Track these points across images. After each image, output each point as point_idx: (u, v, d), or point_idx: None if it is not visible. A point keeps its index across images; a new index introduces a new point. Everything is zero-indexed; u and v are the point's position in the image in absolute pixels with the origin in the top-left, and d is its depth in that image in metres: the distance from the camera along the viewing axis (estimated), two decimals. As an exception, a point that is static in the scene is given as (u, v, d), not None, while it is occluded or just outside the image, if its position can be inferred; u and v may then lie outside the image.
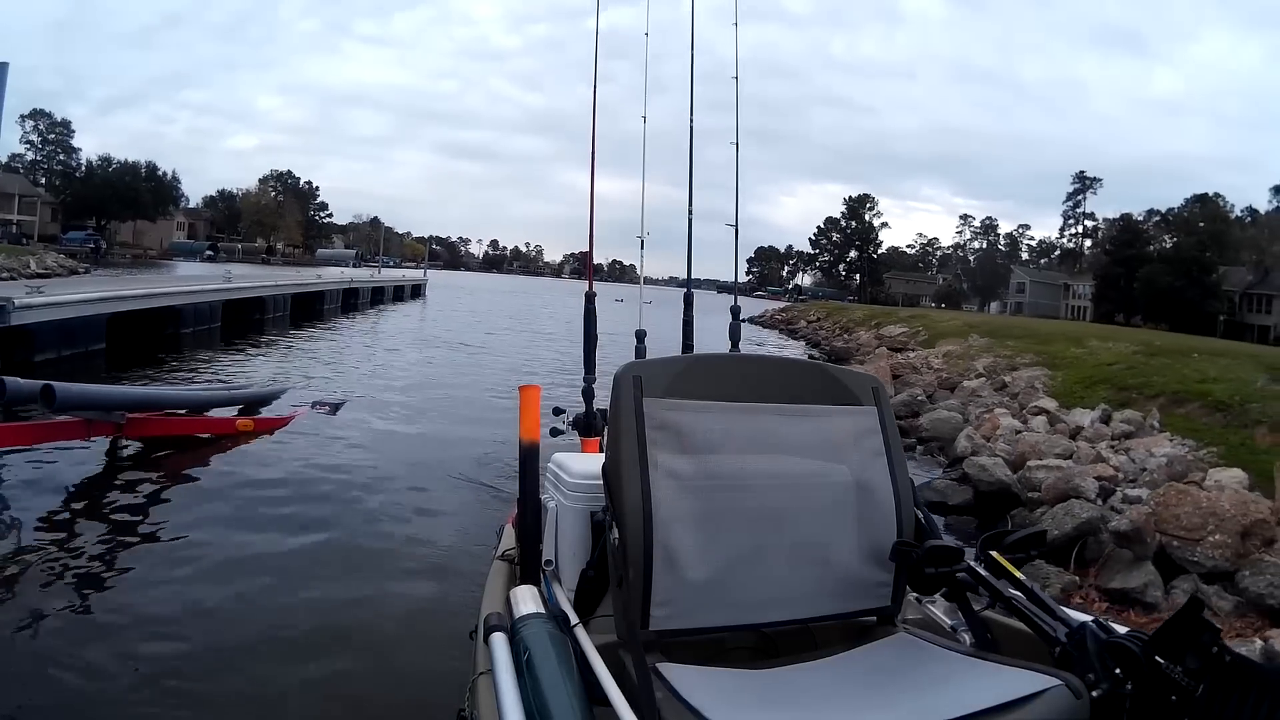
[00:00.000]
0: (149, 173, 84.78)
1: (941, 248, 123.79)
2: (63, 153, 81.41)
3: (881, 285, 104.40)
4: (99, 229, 75.23)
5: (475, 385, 14.92)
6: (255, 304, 23.02)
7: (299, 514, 6.73)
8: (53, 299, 12.92)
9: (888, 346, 24.03)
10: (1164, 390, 10.60)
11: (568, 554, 2.54)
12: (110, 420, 7.42)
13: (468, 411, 12.25)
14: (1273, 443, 7.97)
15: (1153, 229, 70.39)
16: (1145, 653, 1.77)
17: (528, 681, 1.84)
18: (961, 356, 18.22)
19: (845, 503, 2.27)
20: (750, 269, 70.95)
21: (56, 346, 12.73)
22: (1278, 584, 5.03)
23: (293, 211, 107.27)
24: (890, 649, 2.16)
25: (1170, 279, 57.60)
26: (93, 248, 60.36)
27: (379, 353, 19.39)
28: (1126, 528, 5.82)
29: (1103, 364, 13.26)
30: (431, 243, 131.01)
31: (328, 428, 9.91)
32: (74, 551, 5.53)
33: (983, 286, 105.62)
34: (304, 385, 12.61)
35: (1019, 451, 8.77)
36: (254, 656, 4.35)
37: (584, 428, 4.06)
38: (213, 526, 6.22)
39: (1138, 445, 8.60)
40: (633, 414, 2.12)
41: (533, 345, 23.74)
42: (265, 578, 5.42)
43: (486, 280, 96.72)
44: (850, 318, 39.56)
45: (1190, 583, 5.42)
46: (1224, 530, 5.57)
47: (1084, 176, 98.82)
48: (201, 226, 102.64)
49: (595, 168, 4.52)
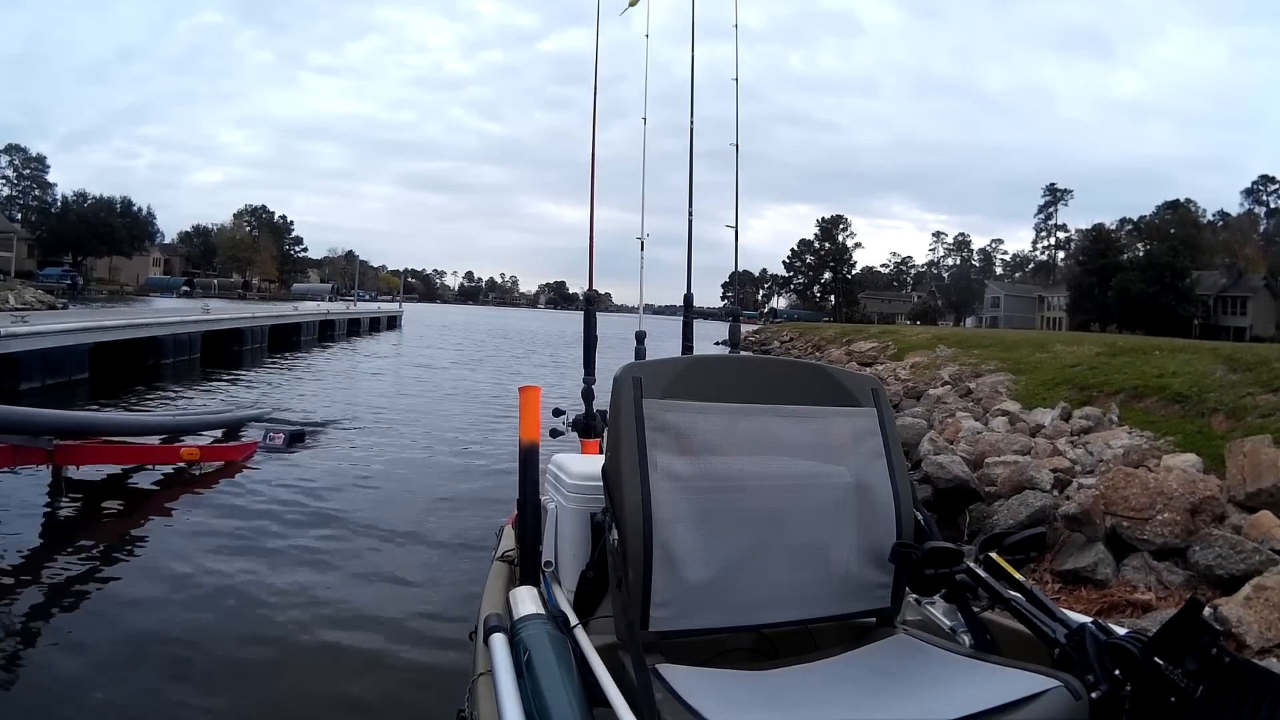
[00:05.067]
0: (124, 208, 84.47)
1: (915, 265, 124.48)
2: (38, 188, 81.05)
3: (857, 305, 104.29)
4: (75, 265, 74.80)
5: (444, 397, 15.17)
6: (234, 335, 23.22)
7: (297, 516, 6.86)
8: (37, 328, 13.06)
9: (857, 361, 24.10)
10: (1124, 387, 10.73)
11: (567, 555, 2.53)
12: (37, 445, 6.86)
13: (451, 422, 12.47)
14: (1229, 428, 8.11)
15: (1125, 237, 71.21)
16: (1144, 654, 1.77)
17: (527, 682, 1.84)
18: (928, 367, 18.35)
19: (845, 504, 2.28)
20: (725, 294, 70.79)
21: (41, 375, 12.83)
22: (1226, 555, 5.16)
23: (268, 246, 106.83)
24: (890, 650, 2.16)
25: (1143, 286, 58.22)
26: (70, 284, 59.80)
27: (358, 377, 19.67)
28: (1075, 510, 6.01)
29: (1065, 366, 13.38)
30: (406, 275, 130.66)
31: (315, 443, 9.97)
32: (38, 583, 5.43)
33: (957, 302, 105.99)
34: (275, 410, 12.43)
35: (979, 450, 8.90)
36: (254, 658, 4.43)
37: (584, 429, 4.09)
38: (208, 533, 6.33)
39: (1096, 439, 8.77)
40: (632, 415, 2.11)
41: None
42: (264, 579, 5.53)
43: (462, 314, 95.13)
44: (822, 335, 39.56)
45: (1140, 559, 5.55)
46: (1172, 509, 5.68)
47: (1054, 188, 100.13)
48: (177, 262, 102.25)
49: (594, 165, 4.52)
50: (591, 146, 4.50)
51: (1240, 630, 4.25)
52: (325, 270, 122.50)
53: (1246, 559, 5.10)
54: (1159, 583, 5.32)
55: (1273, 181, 79.09)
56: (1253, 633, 4.22)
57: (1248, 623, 4.28)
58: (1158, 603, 5.05)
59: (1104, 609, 5.02)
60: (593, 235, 4.51)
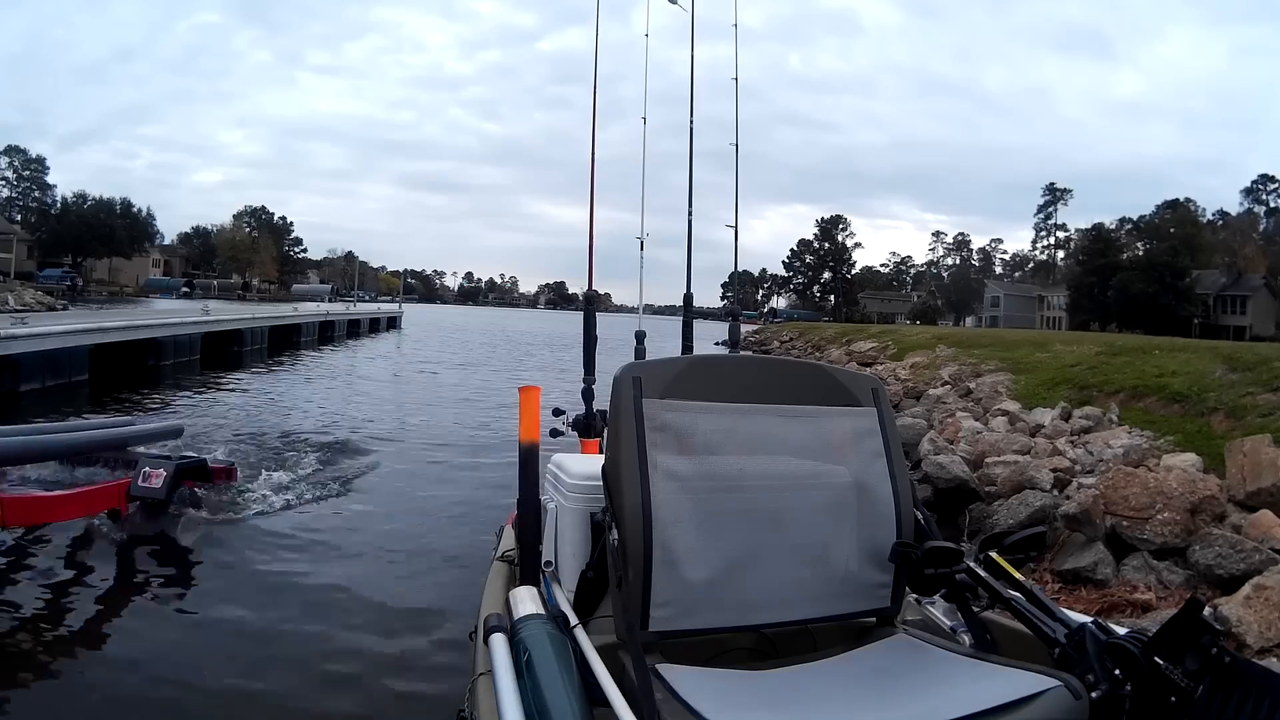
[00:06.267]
0: (124, 209, 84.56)
1: (915, 265, 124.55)
2: (38, 189, 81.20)
3: (857, 305, 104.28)
4: (75, 266, 74.97)
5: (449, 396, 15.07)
6: (234, 336, 23.23)
7: (296, 515, 6.86)
8: (37, 330, 13.08)
9: (857, 361, 24.03)
10: (1124, 386, 10.73)
11: (567, 555, 2.53)
12: None
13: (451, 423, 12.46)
14: (1229, 428, 8.09)
15: (1124, 237, 71.31)
16: (1145, 654, 1.77)
17: (527, 682, 1.84)
18: (928, 366, 18.32)
19: (845, 504, 2.27)
20: (725, 294, 70.74)
21: (41, 377, 12.84)
22: (1225, 555, 5.16)
23: (267, 247, 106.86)
24: (890, 650, 2.16)
25: (1143, 285, 58.24)
26: (69, 285, 59.97)
27: (355, 380, 19.63)
28: (1075, 510, 6.00)
29: (1065, 366, 13.38)
30: (406, 276, 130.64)
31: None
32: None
33: (957, 302, 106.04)
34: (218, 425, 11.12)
35: (979, 450, 8.88)
36: (254, 657, 4.43)
37: (584, 429, 4.07)
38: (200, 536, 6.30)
39: (1096, 439, 8.76)
40: (632, 415, 2.11)
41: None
42: (262, 578, 5.53)
43: (461, 314, 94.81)
44: (822, 335, 39.56)
45: (1140, 559, 5.55)
46: (1172, 508, 5.68)
47: (1054, 188, 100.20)
48: (177, 263, 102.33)
49: (594, 165, 4.48)
50: (592, 147, 4.48)
51: (1240, 630, 4.24)
52: (325, 271, 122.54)
53: (1246, 558, 5.10)
54: (1159, 582, 5.33)
55: (1272, 181, 79.18)
56: (1253, 632, 4.22)
57: (1248, 622, 4.27)
58: (1158, 602, 5.04)
59: (1104, 609, 5.01)
60: (592, 235, 4.50)
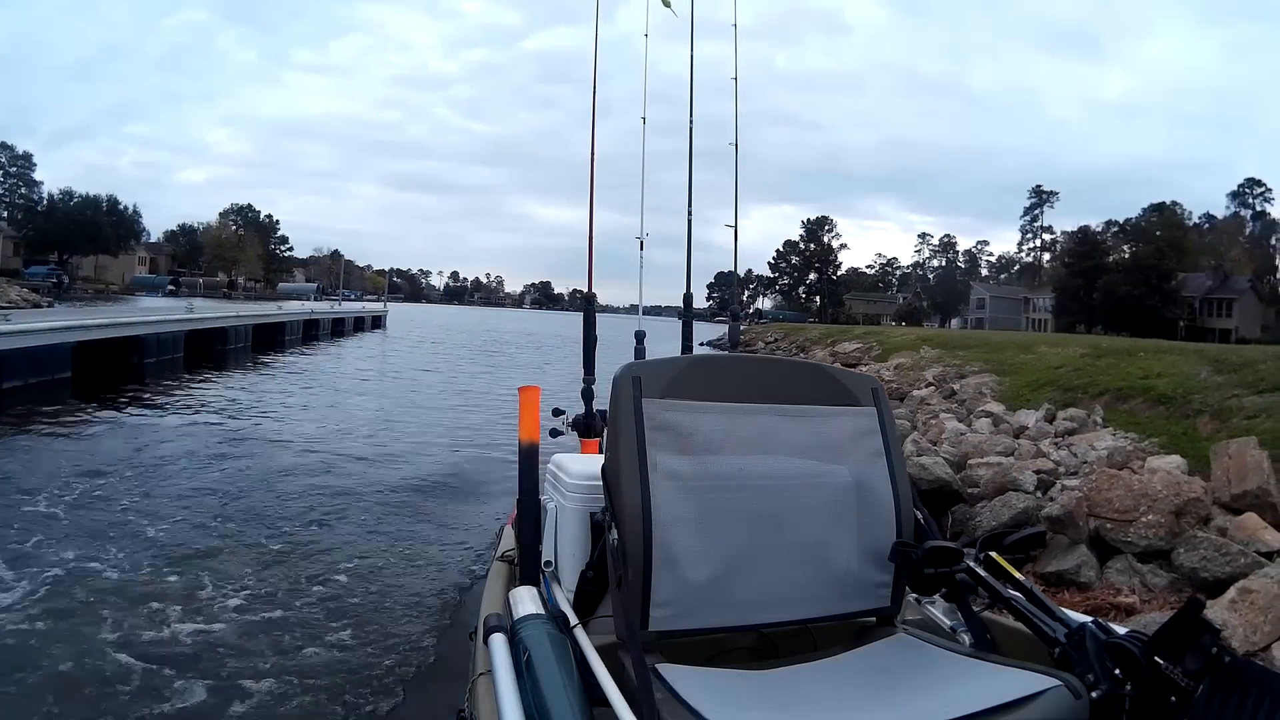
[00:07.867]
0: (110, 207, 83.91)
1: (901, 267, 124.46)
2: (24, 186, 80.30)
3: (842, 306, 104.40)
4: (61, 264, 74.37)
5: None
6: (218, 334, 23.20)
7: (294, 515, 6.87)
8: (19, 326, 13.00)
9: (842, 362, 24.13)
10: (1108, 388, 10.77)
11: (567, 555, 2.53)
12: None
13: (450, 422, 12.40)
14: (1214, 430, 8.12)
15: (1111, 239, 71.48)
16: (1145, 653, 1.78)
17: (527, 682, 1.84)
18: (913, 368, 18.36)
19: (845, 503, 2.27)
20: (710, 294, 71.03)
21: (24, 374, 12.77)
22: (1211, 558, 5.18)
23: (254, 245, 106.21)
24: (890, 650, 2.16)
25: (1129, 288, 58.33)
26: (55, 282, 59.67)
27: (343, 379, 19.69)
28: (1058, 512, 5.98)
29: (1050, 368, 13.43)
30: (392, 275, 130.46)
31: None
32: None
33: (943, 304, 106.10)
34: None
35: (962, 452, 8.88)
36: (254, 658, 4.42)
37: (584, 428, 4.08)
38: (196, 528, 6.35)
39: (1080, 440, 8.79)
40: (632, 415, 2.11)
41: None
42: (262, 579, 5.53)
43: (446, 314, 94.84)
44: (807, 336, 39.81)
45: (1124, 561, 5.56)
46: (1156, 511, 5.67)
47: (1041, 190, 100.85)
48: (163, 261, 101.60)
49: (594, 165, 4.49)
50: (591, 147, 4.50)
51: (1226, 634, 4.23)
52: (311, 270, 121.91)
53: (1232, 561, 5.12)
54: (1143, 585, 5.34)
55: (1259, 185, 79.67)
56: (1238, 636, 4.23)
57: (1233, 626, 4.28)
58: (1142, 606, 5.04)
59: (1088, 613, 5.00)
60: (592, 235, 4.53)
